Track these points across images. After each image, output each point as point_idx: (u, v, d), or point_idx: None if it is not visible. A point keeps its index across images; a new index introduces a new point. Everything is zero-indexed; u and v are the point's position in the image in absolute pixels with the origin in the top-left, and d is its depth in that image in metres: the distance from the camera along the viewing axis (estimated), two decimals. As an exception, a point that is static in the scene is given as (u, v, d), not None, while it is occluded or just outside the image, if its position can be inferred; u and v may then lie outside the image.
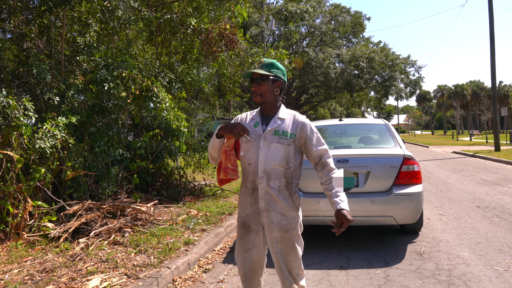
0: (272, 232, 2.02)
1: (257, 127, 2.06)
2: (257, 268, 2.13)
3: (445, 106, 65.65)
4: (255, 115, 2.13)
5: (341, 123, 5.03)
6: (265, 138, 2.02)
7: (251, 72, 2.04)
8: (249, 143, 2.04)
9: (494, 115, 16.57)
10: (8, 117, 4.14)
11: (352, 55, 24.40)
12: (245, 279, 2.13)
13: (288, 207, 2.03)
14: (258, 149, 2.02)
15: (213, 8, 7.34)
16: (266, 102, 2.05)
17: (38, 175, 4.18)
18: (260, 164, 2.00)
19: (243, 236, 2.10)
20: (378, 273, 3.38)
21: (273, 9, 22.18)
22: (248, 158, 2.04)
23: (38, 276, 3.13)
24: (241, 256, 2.12)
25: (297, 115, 2.13)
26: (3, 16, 5.45)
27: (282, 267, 2.04)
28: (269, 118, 2.08)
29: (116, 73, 5.28)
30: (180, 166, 7.19)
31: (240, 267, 2.14)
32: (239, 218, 2.12)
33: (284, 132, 2.02)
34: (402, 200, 3.79)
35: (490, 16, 16.14)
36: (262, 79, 2.01)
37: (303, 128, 2.05)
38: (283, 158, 2.01)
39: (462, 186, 7.81)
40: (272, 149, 2.01)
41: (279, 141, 2.01)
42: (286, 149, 2.01)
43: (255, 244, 2.08)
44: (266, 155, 2.00)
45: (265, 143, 2.01)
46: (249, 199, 2.06)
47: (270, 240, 2.05)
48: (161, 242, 3.94)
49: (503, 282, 3.07)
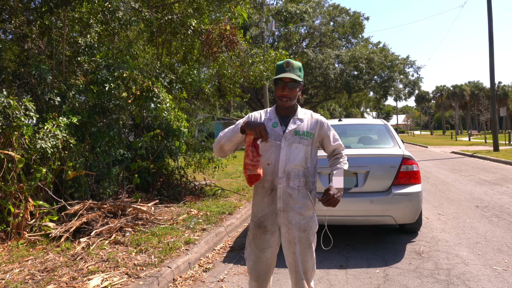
0: (291, 233, 2.03)
1: (276, 127, 2.06)
2: (270, 269, 2.14)
3: (444, 107, 65.74)
4: (271, 114, 2.12)
5: (340, 123, 5.05)
6: (285, 138, 2.03)
7: (284, 76, 1.98)
8: (268, 144, 2.04)
9: (493, 116, 16.62)
10: (9, 117, 4.16)
11: (351, 56, 24.45)
12: (258, 278, 2.12)
13: (306, 206, 2.06)
14: (278, 149, 2.02)
15: (213, 9, 7.37)
16: (290, 106, 2.08)
17: (39, 175, 4.20)
18: (281, 164, 2.01)
19: (258, 236, 2.09)
20: (378, 272, 3.40)
21: (273, 9, 22.21)
22: (267, 158, 2.04)
23: (39, 275, 3.14)
24: (255, 256, 2.11)
25: (313, 114, 2.17)
26: (4, 16, 5.47)
27: (298, 268, 2.04)
28: (287, 118, 2.09)
29: (117, 74, 5.30)
30: (180, 166, 7.20)
31: (252, 266, 2.12)
32: (254, 218, 2.11)
33: (305, 132, 2.06)
34: (401, 200, 3.81)
35: (489, 17, 16.19)
36: (295, 85, 2.01)
37: (322, 127, 2.12)
38: (303, 158, 2.04)
39: (461, 186, 7.84)
40: (293, 149, 2.02)
41: (300, 141, 2.04)
42: (306, 149, 2.05)
43: (270, 245, 2.08)
44: (287, 155, 2.01)
45: (286, 144, 2.02)
46: (266, 199, 2.05)
47: (288, 241, 2.04)
48: (162, 242, 3.96)
49: (502, 281, 3.09)
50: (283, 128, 2.06)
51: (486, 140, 25.44)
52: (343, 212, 3.88)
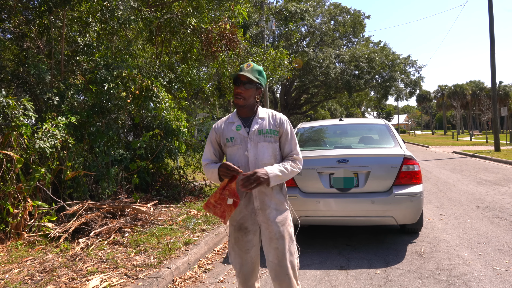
0: (271, 229, 2.06)
1: (240, 130, 2.09)
2: (256, 268, 2.18)
3: (445, 106, 65.64)
4: (233, 118, 2.15)
5: (341, 123, 5.03)
6: (251, 139, 2.06)
7: (238, 73, 2.04)
8: (235, 147, 2.08)
9: (494, 115, 16.57)
10: (8, 117, 4.14)
11: (352, 55, 24.41)
12: (245, 280, 2.16)
13: (280, 201, 2.11)
14: (245, 151, 2.06)
15: (213, 8, 7.34)
16: (246, 106, 2.08)
17: (38, 175, 4.18)
18: (251, 165, 2.04)
19: (240, 238, 2.12)
20: (378, 273, 3.37)
21: (273, 8, 22.18)
22: (236, 161, 2.07)
23: (38, 276, 3.12)
24: (240, 259, 2.13)
25: (275, 112, 2.19)
26: (3, 16, 5.45)
27: (282, 263, 2.04)
28: (249, 119, 2.12)
29: (116, 73, 5.28)
30: (180, 166, 7.18)
31: (239, 269, 2.15)
32: (233, 222, 2.14)
33: (268, 130, 2.08)
34: (402, 200, 3.79)
35: (490, 16, 16.14)
36: (250, 84, 2.05)
37: (282, 124, 2.13)
38: (272, 155, 2.08)
39: (462, 186, 7.81)
40: (259, 148, 2.06)
41: (265, 139, 2.07)
42: (272, 146, 2.09)
43: (253, 244, 2.13)
44: (255, 155, 2.05)
45: (252, 144, 2.06)
46: (243, 201, 2.09)
47: (270, 238, 2.07)
48: (161, 242, 3.94)
49: (503, 282, 3.07)
50: (246, 130, 2.09)
51: (487, 140, 25.40)
52: (344, 212, 3.86)
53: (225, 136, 2.12)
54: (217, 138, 2.17)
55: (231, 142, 2.08)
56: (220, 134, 2.16)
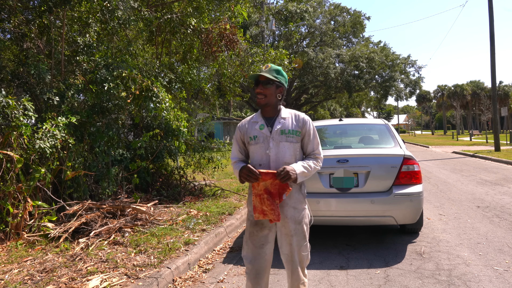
0: (287, 226, 2.15)
1: (263, 129, 2.18)
2: (268, 265, 2.23)
3: (445, 106, 65.64)
4: (257, 117, 2.24)
5: (341, 123, 5.03)
6: (273, 138, 2.15)
7: (257, 74, 2.14)
8: (257, 145, 2.16)
9: (494, 115, 16.58)
10: (8, 117, 4.14)
11: (352, 55, 24.41)
12: (256, 275, 2.19)
13: (299, 200, 2.19)
14: (267, 149, 2.14)
15: (213, 8, 7.34)
16: (268, 105, 2.17)
17: (38, 175, 4.18)
18: (272, 163, 2.13)
19: (255, 233, 2.19)
20: (378, 273, 3.37)
21: (273, 9, 22.18)
22: (258, 159, 2.16)
23: (38, 276, 3.12)
24: (252, 253, 2.19)
25: (298, 112, 2.26)
26: (3, 16, 5.45)
27: (294, 258, 2.17)
28: (272, 119, 2.21)
29: (116, 73, 5.28)
30: (180, 166, 7.18)
31: (251, 264, 2.19)
32: (250, 216, 2.21)
33: (290, 131, 2.17)
34: (402, 200, 3.79)
35: (490, 16, 16.15)
36: (268, 83, 2.14)
37: (305, 124, 2.21)
38: (292, 155, 2.16)
39: (462, 186, 7.81)
40: (281, 147, 2.14)
41: (286, 139, 2.15)
42: (294, 146, 2.17)
43: (268, 241, 2.19)
44: (277, 154, 2.13)
45: (274, 143, 2.14)
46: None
47: (285, 234, 2.16)
48: (161, 242, 3.94)
49: (503, 282, 3.07)
50: (269, 129, 2.18)
51: (487, 140, 25.40)
52: (344, 212, 3.86)
53: (248, 134, 2.21)
54: (241, 136, 2.27)
55: (254, 141, 2.17)
56: (244, 133, 2.25)
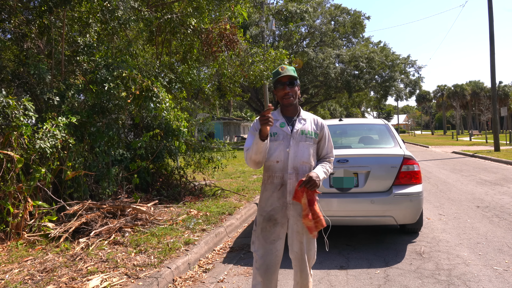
0: (299, 224, 2.19)
1: (284, 127, 2.22)
2: (278, 261, 2.25)
3: (445, 106, 65.65)
4: (277, 115, 2.27)
5: (341, 123, 5.03)
6: (293, 137, 2.20)
7: (284, 74, 2.15)
8: (277, 142, 2.19)
9: (493, 115, 16.58)
10: (8, 117, 4.14)
11: (352, 55, 24.43)
12: (267, 270, 2.21)
13: None
14: (287, 147, 2.18)
15: (213, 8, 7.34)
16: (292, 104, 2.23)
17: (39, 175, 4.18)
18: (290, 161, 2.17)
19: (268, 228, 2.21)
20: (378, 273, 3.38)
21: (273, 9, 22.19)
22: (276, 156, 2.19)
23: (39, 276, 3.13)
24: (263, 249, 2.21)
25: (315, 116, 2.37)
26: (3, 16, 5.45)
27: (304, 256, 2.22)
28: (292, 119, 2.26)
29: (116, 73, 5.28)
30: (180, 166, 7.19)
31: (262, 259, 2.21)
32: (263, 212, 2.23)
33: (310, 132, 2.24)
34: (402, 200, 3.79)
35: (490, 16, 16.15)
36: (294, 82, 2.20)
37: (323, 128, 2.31)
38: (310, 155, 2.22)
39: (462, 186, 7.82)
40: (300, 147, 2.20)
41: (306, 140, 2.22)
42: (311, 147, 2.24)
43: (280, 237, 2.21)
44: (296, 153, 2.18)
45: (294, 142, 2.19)
46: (276, 194, 2.19)
47: (297, 231, 2.20)
48: (161, 242, 3.94)
49: (503, 281, 3.08)
50: (290, 128, 2.22)
51: (487, 140, 25.41)
52: (344, 212, 3.87)
53: None
54: None
55: (273, 137, 2.19)
56: None
